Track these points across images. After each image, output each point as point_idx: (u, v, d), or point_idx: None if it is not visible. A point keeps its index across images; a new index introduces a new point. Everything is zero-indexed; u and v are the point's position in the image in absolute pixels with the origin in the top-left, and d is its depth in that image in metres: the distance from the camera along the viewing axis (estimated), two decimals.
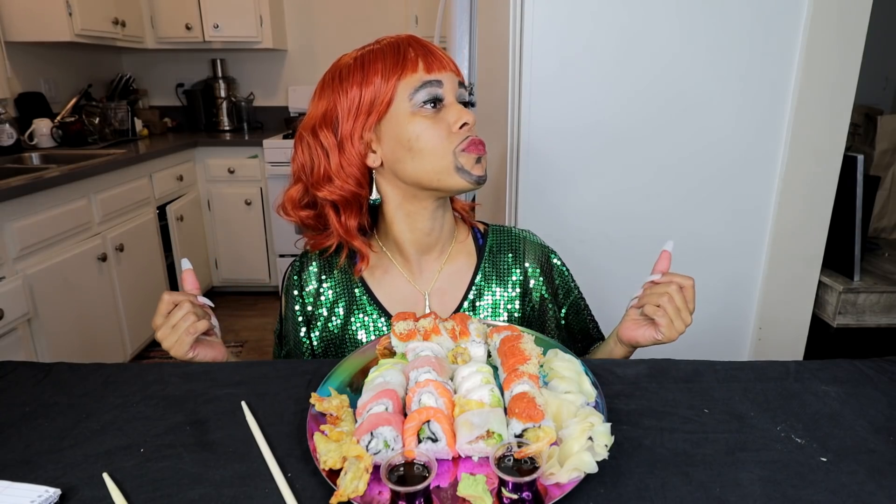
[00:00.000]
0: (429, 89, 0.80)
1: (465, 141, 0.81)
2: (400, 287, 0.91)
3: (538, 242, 0.96)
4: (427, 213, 0.87)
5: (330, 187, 0.84)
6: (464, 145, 0.80)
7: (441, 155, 0.80)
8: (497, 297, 0.91)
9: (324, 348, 0.93)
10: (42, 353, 2.05)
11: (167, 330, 0.78)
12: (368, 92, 0.80)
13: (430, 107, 0.80)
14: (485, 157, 0.83)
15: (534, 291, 0.93)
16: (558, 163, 1.37)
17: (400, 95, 0.80)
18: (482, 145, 0.83)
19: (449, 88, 0.82)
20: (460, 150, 0.80)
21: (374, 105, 0.81)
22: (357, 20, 3.74)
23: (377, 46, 0.83)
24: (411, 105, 0.80)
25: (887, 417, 0.67)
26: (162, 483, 0.57)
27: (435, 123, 0.80)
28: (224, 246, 3.49)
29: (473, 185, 0.82)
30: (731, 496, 0.54)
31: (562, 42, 1.30)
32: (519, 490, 0.52)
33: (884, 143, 1.70)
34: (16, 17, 2.70)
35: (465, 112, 0.81)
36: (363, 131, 0.82)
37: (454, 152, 0.80)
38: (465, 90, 0.85)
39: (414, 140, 0.80)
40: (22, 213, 1.98)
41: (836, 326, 1.44)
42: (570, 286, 0.98)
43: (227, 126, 3.79)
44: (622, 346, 0.86)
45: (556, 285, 0.96)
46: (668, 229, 1.40)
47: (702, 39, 1.29)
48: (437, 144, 0.80)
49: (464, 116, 0.81)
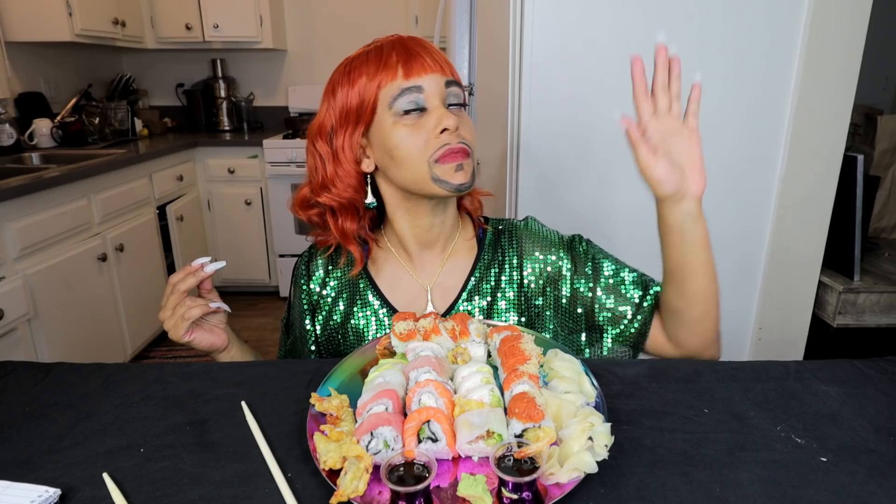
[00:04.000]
0: (408, 97, 0.79)
1: (440, 150, 0.78)
2: (403, 281, 0.92)
3: (537, 230, 0.94)
4: (426, 210, 0.87)
5: (328, 194, 0.86)
6: (438, 155, 0.78)
7: (417, 166, 0.79)
8: (494, 287, 0.91)
9: (327, 338, 0.94)
10: (42, 353, 2.05)
11: (167, 312, 0.83)
12: (354, 101, 0.81)
13: (413, 114, 0.79)
14: (469, 162, 0.81)
15: (536, 279, 0.91)
16: (558, 163, 1.37)
17: (381, 104, 0.80)
18: (462, 152, 0.79)
19: (432, 92, 0.80)
20: (434, 161, 0.79)
21: (360, 114, 0.82)
22: (357, 20, 3.74)
23: (366, 50, 0.83)
24: (392, 114, 0.79)
25: (887, 417, 0.67)
26: (162, 483, 0.57)
27: (415, 131, 0.79)
28: (224, 246, 3.49)
29: (454, 193, 0.81)
30: (731, 496, 0.54)
31: (562, 42, 1.30)
32: (519, 490, 0.52)
33: (884, 143, 1.70)
34: (16, 17, 2.70)
35: (446, 116, 0.78)
36: (353, 139, 0.83)
37: (429, 163, 0.79)
38: (458, 88, 0.83)
39: (395, 149, 0.80)
40: (22, 213, 1.98)
41: (836, 326, 1.44)
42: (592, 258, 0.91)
43: (227, 126, 3.78)
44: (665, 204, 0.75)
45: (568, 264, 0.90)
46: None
47: (702, 39, 1.29)
48: (413, 154, 0.79)
49: (443, 121, 0.78)
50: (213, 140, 3.40)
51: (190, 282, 0.83)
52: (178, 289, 0.82)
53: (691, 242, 0.75)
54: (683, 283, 0.78)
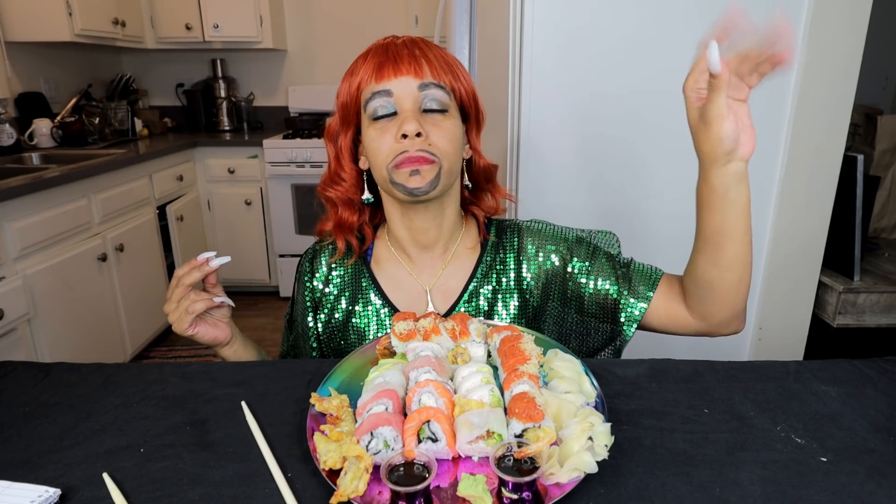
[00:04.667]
0: (378, 101, 0.81)
1: (398, 157, 0.79)
2: (404, 280, 0.93)
3: (539, 229, 0.94)
4: (417, 211, 0.87)
5: (335, 190, 0.91)
6: (395, 161, 0.79)
7: (380, 170, 0.82)
8: (495, 290, 0.91)
9: (328, 335, 0.95)
10: (42, 353, 2.05)
11: (171, 305, 0.84)
12: (343, 100, 0.85)
13: (383, 119, 0.81)
14: (429, 168, 0.80)
15: (537, 279, 0.91)
16: (558, 162, 1.37)
17: (361, 106, 0.84)
18: (420, 160, 0.79)
19: (403, 95, 0.80)
20: (392, 167, 0.80)
21: (349, 114, 0.86)
22: (357, 20, 3.73)
23: (367, 52, 0.85)
24: (367, 116, 0.83)
25: (887, 417, 0.67)
26: (162, 483, 0.57)
27: (381, 135, 0.81)
28: (224, 246, 3.48)
29: (410, 197, 0.82)
30: (731, 496, 0.54)
31: (562, 42, 1.30)
32: (519, 490, 0.52)
33: (884, 143, 1.70)
34: (16, 17, 2.70)
35: (407, 121, 0.78)
36: (349, 139, 0.88)
37: (388, 168, 0.81)
38: (439, 90, 0.81)
39: (367, 152, 0.84)
40: (22, 213, 1.98)
41: (836, 326, 1.44)
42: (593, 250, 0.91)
43: (227, 126, 3.78)
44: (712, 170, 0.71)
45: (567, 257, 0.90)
46: (668, 229, 1.40)
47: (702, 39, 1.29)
48: (378, 158, 0.82)
49: (405, 125, 0.78)
50: (213, 140, 3.40)
51: (195, 276, 0.83)
52: (183, 282, 0.83)
53: (735, 204, 0.72)
54: (720, 250, 0.76)
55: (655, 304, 0.86)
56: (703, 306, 0.82)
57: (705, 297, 0.81)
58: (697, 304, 0.83)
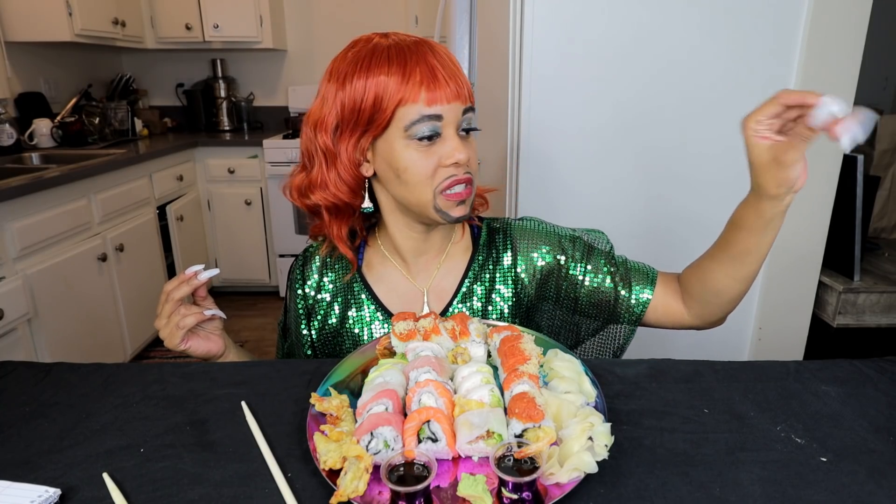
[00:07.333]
0: (427, 124, 0.76)
1: (447, 180, 0.78)
2: (398, 284, 0.92)
3: (531, 227, 0.93)
4: (422, 224, 0.87)
5: (323, 193, 0.83)
6: (445, 185, 0.78)
7: (422, 192, 0.79)
8: (489, 288, 0.91)
9: (322, 342, 0.94)
10: (42, 353, 2.05)
11: (162, 321, 0.83)
12: (367, 106, 0.77)
13: (426, 141, 0.77)
14: (471, 196, 0.81)
15: (531, 276, 0.91)
16: (558, 162, 1.37)
17: (396, 121, 0.77)
18: (468, 187, 0.80)
19: (450, 120, 0.78)
20: (439, 192, 0.79)
21: (372, 123, 0.78)
22: (357, 20, 3.73)
23: (383, 45, 0.78)
24: (406, 135, 0.77)
25: (887, 417, 0.67)
26: (162, 483, 0.57)
27: (425, 157, 0.77)
28: (224, 246, 3.49)
29: (451, 223, 0.83)
30: (731, 496, 0.54)
31: (562, 42, 1.30)
32: (519, 490, 0.52)
33: (884, 143, 1.71)
34: (16, 17, 2.70)
35: (459, 147, 0.77)
36: (359, 145, 0.80)
37: (434, 192, 0.79)
38: (472, 113, 0.81)
39: (402, 170, 0.79)
40: (22, 213, 1.98)
41: (836, 326, 1.44)
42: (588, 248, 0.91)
43: (227, 126, 3.78)
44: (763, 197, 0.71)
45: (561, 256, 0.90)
46: (668, 229, 1.40)
47: (701, 39, 1.29)
48: (421, 180, 0.78)
49: (456, 153, 0.77)
50: (213, 140, 3.40)
51: (184, 290, 0.82)
52: (172, 297, 0.82)
53: (775, 230, 0.75)
54: (743, 266, 0.78)
55: (654, 302, 0.88)
56: (705, 308, 0.85)
57: (711, 301, 0.83)
58: (698, 306, 0.86)
